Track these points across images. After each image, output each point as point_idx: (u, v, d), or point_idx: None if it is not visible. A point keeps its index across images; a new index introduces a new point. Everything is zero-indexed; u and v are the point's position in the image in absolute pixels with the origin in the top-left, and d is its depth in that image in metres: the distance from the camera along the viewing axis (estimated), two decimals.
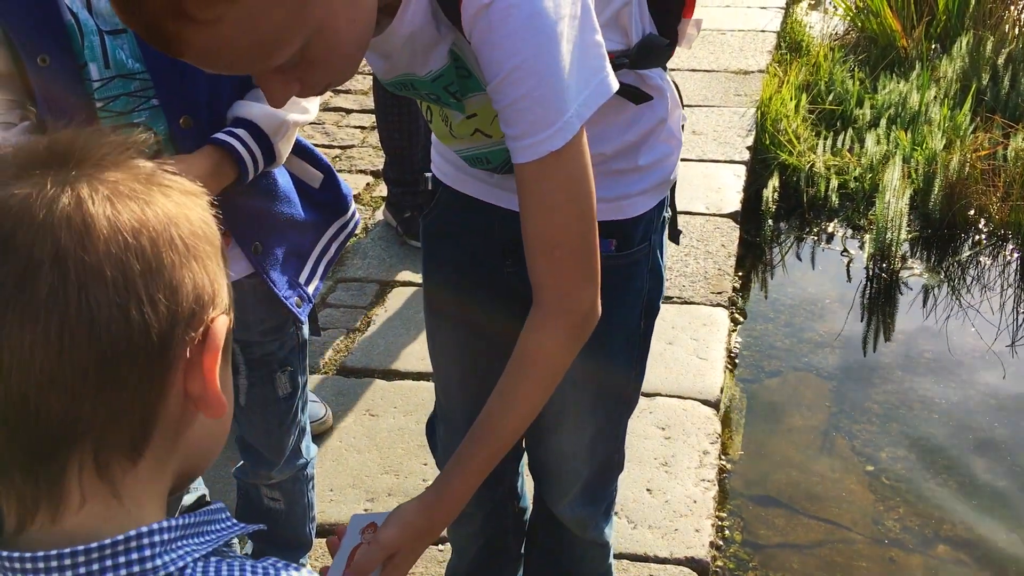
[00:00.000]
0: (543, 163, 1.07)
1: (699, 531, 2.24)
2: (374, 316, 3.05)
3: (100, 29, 1.41)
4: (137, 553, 0.64)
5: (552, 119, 1.05)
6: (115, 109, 1.45)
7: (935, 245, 3.71)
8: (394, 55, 1.16)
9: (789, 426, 2.85)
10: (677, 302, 3.08)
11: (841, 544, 2.45)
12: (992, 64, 4.49)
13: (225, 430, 0.76)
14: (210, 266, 0.69)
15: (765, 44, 5.04)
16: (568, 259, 1.11)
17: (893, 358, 3.15)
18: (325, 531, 2.24)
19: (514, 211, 1.36)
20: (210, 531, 0.70)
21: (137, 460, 0.67)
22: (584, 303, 1.13)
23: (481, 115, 1.25)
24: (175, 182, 0.70)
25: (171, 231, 0.66)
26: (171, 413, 0.68)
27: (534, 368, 1.15)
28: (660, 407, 2.62)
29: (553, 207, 1.10)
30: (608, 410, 1.55)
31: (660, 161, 1.40)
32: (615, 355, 1.48)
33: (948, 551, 2.42)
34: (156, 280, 0.65)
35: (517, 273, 1.44)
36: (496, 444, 1.17)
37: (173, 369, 0.66)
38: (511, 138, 1.08)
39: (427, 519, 1.17)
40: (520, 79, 1.03)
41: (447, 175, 1.49)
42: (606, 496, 1.69)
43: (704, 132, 4.12)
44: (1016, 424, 2.83)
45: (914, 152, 3.95)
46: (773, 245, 3.78)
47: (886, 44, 4.82)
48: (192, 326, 0.67)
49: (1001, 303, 3.39)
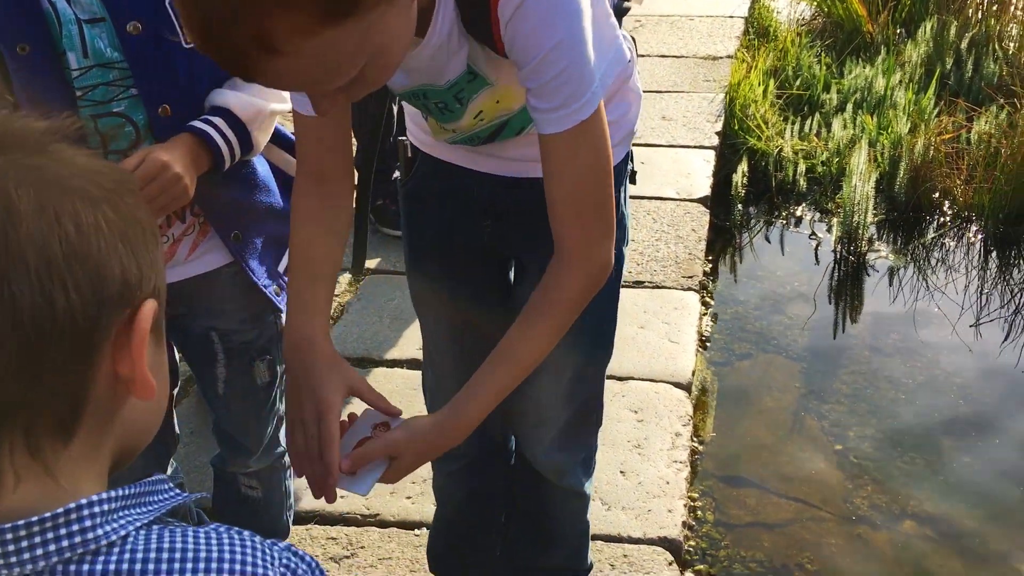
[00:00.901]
0: (573, 131, 1.16)
1: (672, 511, 2.28)
2: (348, 305, 3.06)
3: (78, 18, 1.41)
4: (78, 524, 0.65)
5: (584, 90, 1.15)
6: (94, 98, 1.46)
7: (901, 228, 3.77)
8: (420, 68, 1.24)
9: (760, 407, 2.89)
10: (648, 286, 3.11)
11: (811, 522, 2.49)
12: (956, 48, 4.56)
13: (161, 409, 0.76)
14: (139, 249, 0.69)
15: (733, 30, 5.08)
16: (593, 217, 1.23)
17: (861, 339, 3.20)
18: (302, 519, 2.26)
19: (491, 174, 1.45)
20: (152, 501, 0.71)
21: (69, 440, 0.67)
22: (605, 254, 1.25)
23: (486, 110, 1.34)
24: (103, 167, 0.70)
25: (97, 215, 0.66)
26: (102, 394, 0.68)
27: (556, 310, 1.25)
28: (632, 390, 2.66)
29: (581, 171, 1.20)
30: (585, 353, 1.61)
31: (624, 115, 1.50)
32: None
33: (914, 527, 2.48)
34: (81, 264, 0.65)
35: (495, 233, 1.51)
36: (512, 375, 1.26)
37: (100, 352, 0.67)
38: (544, 111, 1.16)
39: (438, 433, 1.25)
40: (558, 57, 1.12)
41: (424, 143, 1.54)
42: (584, 446, 1.74)
43: (674, 118, 4.15)
44: (980, 402, 2.90)
45: (880, 136, 4.01)
46: (743, 229, 3.83)
47: (852, 29, 4.87)
48: (119, 309, 0.67)
49: (966, 284, 3.46)
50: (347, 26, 0.93)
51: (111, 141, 1.49)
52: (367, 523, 2.27)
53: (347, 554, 2.20)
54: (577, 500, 1.80)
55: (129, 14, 1.42)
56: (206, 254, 1.64)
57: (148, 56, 1.45)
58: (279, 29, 0.89)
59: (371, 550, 2.21)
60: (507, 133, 1.41)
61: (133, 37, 1.43)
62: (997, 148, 3.71)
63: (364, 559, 2.19)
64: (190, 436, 2.52)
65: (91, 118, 1.47)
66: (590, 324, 1.58)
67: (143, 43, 1.44)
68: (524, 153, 1.44)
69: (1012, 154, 3.61)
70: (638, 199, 3.59)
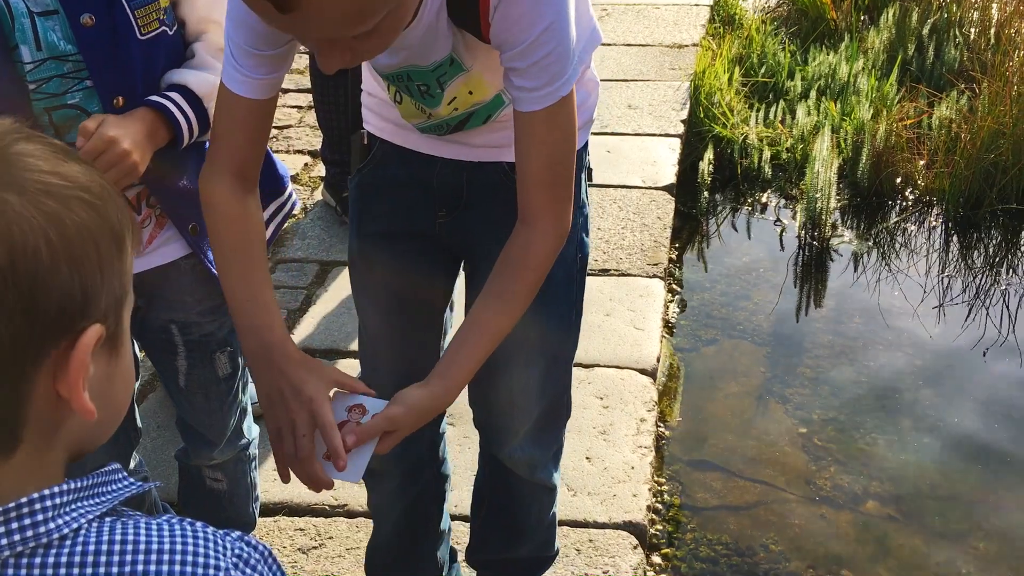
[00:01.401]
0: (551, 109, 1.22)
1: (636, 496, 2.30)
2: (315, 296, 3.06)
3: (30, 11, 1.40)
4: (30, 519, 0.65)
5: (565, 69, 1.20)
6: (48, 91, 1.45)
7: (864, 212, 3.82)
8: (407, 50, 1.27)
9: (725, 392, 2.93)
10: (614, 274, 3.14)
11: (775, 504, 2.53)
12: (918, 35, 4.61)
13: (119, 414, 0.75)
14: (86, 271, 0.66)
15: (699, 18, 5.10)
16: (563, 188, 1.29)
17: (824, 323, 3.24)
18: (269, 511, 2.27)
19: (448, 158, 1.47)
20: (105, 492, 0.71)
21: (11, 453, 0.67)
22: (568, 219, 1.32)
23: (459, 97, 1.36)
24: (69, 171, 0.67)
25: (36, 239, 0.63)
26: (41, 412, 0.67)
27: (529, 274, 1.30)
28: (598, 377, 2.68)
29: (554, 145, 1.26)
30: (554, 346, 1.63)
31: (584, 102, 1.50)
32: (558, 289, 1.56)
33: (876, 506, 2.52)
34: (11, 295, 0.62)
35: (448, 226, 1.52)
36: (491, 341, 1.30)
37: (31, 377, 0.65)
38: (527, 90, 1.21)
39: (431, 401, 1.28)
40: (547, 39, 1.17)
41: (384, 130, 1.54)
42: (554, 440, 1.75)
43: (639, 106, 4.17)
44: (940, 383, 2.94)
45: (843, 122, 4.05)
46: (709, 216, 3.86)
47: (816, 16, 4.91)
48: (55, 338, 0.65)
49: (927, 267, 3.51)
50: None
51: (65, 133, 1.49)
52: (335, 514, 2.28)
53: (315, 545, 2.21)
54: (547, 494, 1.80)
55: (82, 6, 1.42)
56: (163, 246, 1.64)
57: (103, 48, 1.45)
58: None
59: (339, 540, 2.22)
60: (474, 122, 1.43)
61: (87, 29, 1.43)
62: (957, 133, 3.76)
63: (332, 549, 2.20)
64: (157, 430, 2.52)
65: (45, 111, 1.47)
66: (558, 315, 1.59)
67: (97, 35, 1.44)
68: (488, 139, 1.45)
69: (972, 139, 3.67)
70: (604, 187, 3.61)
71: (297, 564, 2.16)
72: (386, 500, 1.82)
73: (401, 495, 1.79)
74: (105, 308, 0.69)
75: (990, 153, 3.65)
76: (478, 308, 1.31)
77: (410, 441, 1.67)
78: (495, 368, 1.59)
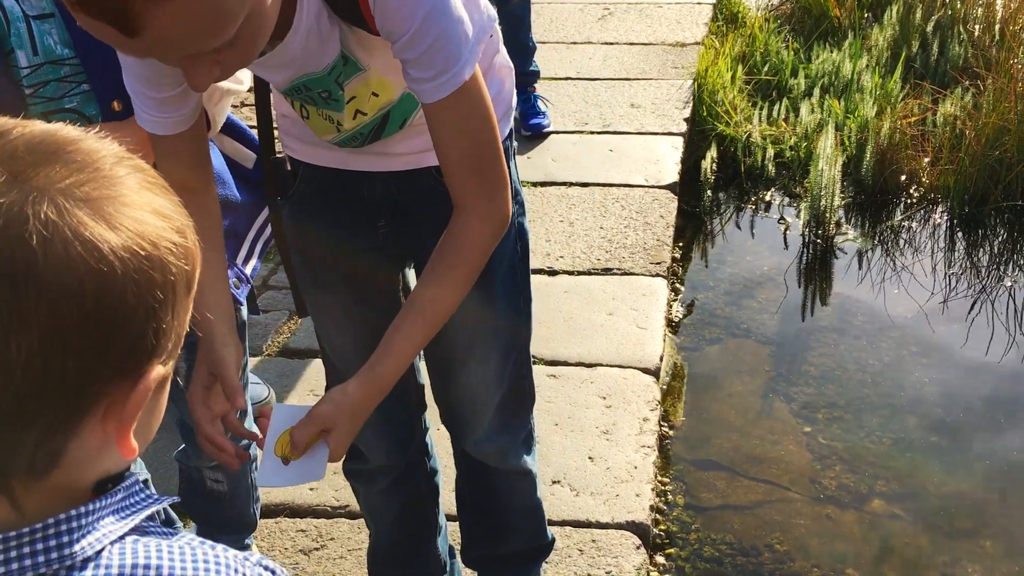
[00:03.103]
0: (457, 95, 1.19)
1: (640, 496, 2.29)
2: None
3: (26, 15, 1.40)
4: (55, 540, 0.64)
5: (460, 52, 1.17)
6: (45, 95, 1.44)
7: (868, 210, 3.80)
8: (295, 60, 1.25)
9: (729, 391, 2.91)
10: (617, 273, 3.12)
11: (780, 503, 2.51)
12: (921, 31, 4.59)
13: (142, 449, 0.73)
14: (162, 315, 0.65)
15: (701, 16, 5.09)
16: (490, 170, 1.27)
17: (829, 322, 3.23)
18: (271, 512, 2.26)
19: (376, 171, 1.46)
20: (126, 507, 0.70)
21: (44, 477, 0.66)
22: (504, 206, 1.30)
23: (359, 95, 1.34)
24: (153, 213, 0.65)
25: (125, 282, 0.62)
26: (84, 446, 0.66)
27: (467, 258, 1.28)
28: (601, 377, 2.66)
29: (471, 130, 1.23)
30: (508, 334, 1.63)
31: (500, 92, 1.49)
32: (503, 281, 1.56)
33: (882, 506, 2.50)
34: (89, 333, 0.61)
35: (390, 231, 1.52)
36: (430, 323, 1.29)
37: (88, 414, 0.64)
38: (425, 80, 1.18)
39: (362, 393, 1.26)
40: (432, 23, 1.14)
41: (301, 152, 1.51)
42: (523, 425, 1.74)
43: (642, 105, 4.16)
44: (945, 382, 2.93)
45: (847, 120, 4.03)
46: (712, 215, 3.84)
47: (819, 14, 4.89)
48: (119, 378, 0.64)
49: (932, 265, 3.49)
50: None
51: None
52: (337, 515, 2.27)
53: (317, 546, 2.20)
54: (524, 479, 1.80)
55: None
56: None
57: (100, 52, 1.44)
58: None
59: (341, 541, 2.21)
60: (390, 128, 1.41)
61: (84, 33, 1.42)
62: (962, 130, 3.74)
63: (334, 551, 2.19)
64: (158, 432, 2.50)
65: (43, 115, 1.46)
66: (507, 306, 1.59)
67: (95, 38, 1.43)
68: (410, 146, 1.43)
69: (976, 136, 3.65)
70: (607, 186, 3.60)
71: (299, 565, 2.15)
72: (379, 501, 1.81)
73: (395, 494, 1.79)
74: (170, 349, 0.68)
75: (995, 150, 3.63)
76: (416, 292, 1.30)
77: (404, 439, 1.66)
78: (452, 366, 1.61)
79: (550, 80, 4.29)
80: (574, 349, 2.77)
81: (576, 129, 4.00)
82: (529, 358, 1.71)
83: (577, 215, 3.43)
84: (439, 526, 1.89)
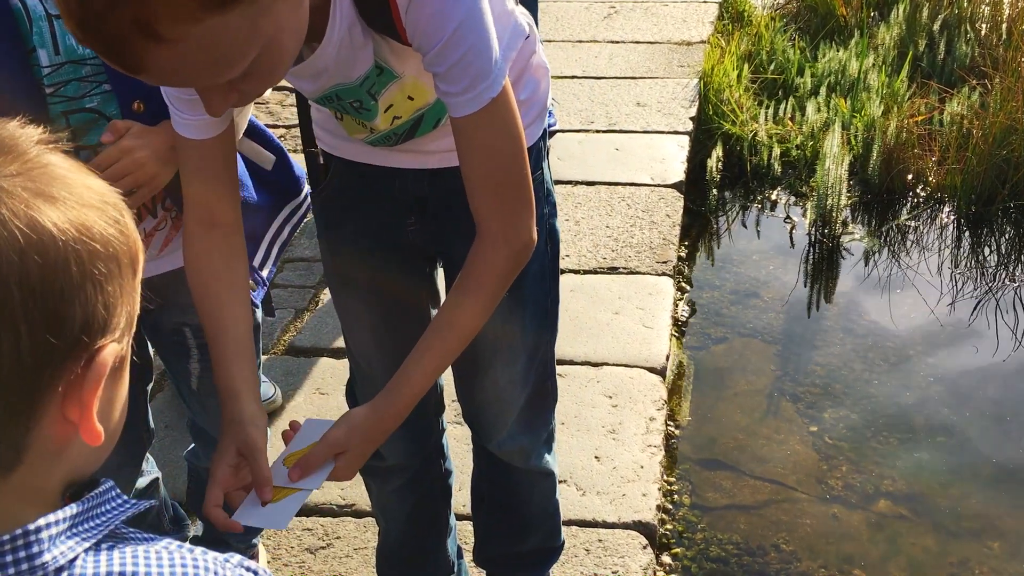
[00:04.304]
0: (486, 111, 1.17)
1: (646, 495, 2.29)
2: (322, 296, 3.06)
3: (49, 14, 1.39)
4: (25, 551, 0.63)
5: (489, 68, 1.16)
6: (66, 95, 1.44)
7: (874, 210, 3.79)
8: (327, 71, 1.24)
9: (736, 391, 2.91)
10: (623, 272, 3.12)
11: (786, 503, 2.51)
12: (928, 30, 4.58)
13: (113, 442, 0.73)
14: (109, 289, 0.65)
15: (707, 15, 5.08)
16: (512, 193, 1.24)
17: (835, 321, 3.22)
18: None
19: (410, 169, 1.45)
20: (100, 514, 0.69)
21: (8, 473, 0.65)
22: (526, 232, 1.27)
23: (396, 102, 1.33)
24: (85, 188, 0.65)
25: (67, 253, 0.62)
26: (46, 435, 0.65)
27: (483, 288, 1.26)
28: (607, 376, 2.66)
29: (497, 149, 1.21)
30: (534, 337, 1.62)
31: (535, 92, 1.49)
32: (532, 282, 1.56)
33: (888, 506, 2.50)
34: (38, 309, 0.60)
35: (420, 230, 1.51)
36: (444, 353, 1.27)
37: (45, 400, 0.63)
38: (454, 95, 1.17)
39: (377, 419, 1.25)
40: (462, 37, 1.13)
41: (336, 148, 1.51)
42: (544, 425, 1.75)
43: (648, 103, 4.16)
44: (953, 381, 2.92)
45: (853, 119, 4.02)
46: (718, 214, 3.84)
47: (826, 12, 4.88)
48: (74, 356, 0.64)
49: (939, 265, 3.48)
50: (234, 13, 0.91)
51: (82, 136, 1.48)
52: (343, 513, 2.27)
53: (323, 545, 2.20)
54: (546, 480, 1.81)
55: None
56: (179, 249, 1.62)
57: None
58: (161, 14, 0.86)
59: (347, 540, 2.21)
60: (424, 128, 1.41)
61: None
62: (969, 129, 3.73)
63: (340, 549, 2.19)
64: (165, 430, 2.51)
65: (62, 114, 1.46)
66: (535, 308, 1.59)
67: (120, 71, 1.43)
68: (442, 144, 1.43)
69: (984, 135, 3.64)
70: (613, 185, 3.59)
71: (305, 564, 2.15)
72: (392, 500, 1.81)
73: (408, 493, 1.79)
74: (122, 327, 0.68)
75: (1002, 149, 3.62)
76: (437, 317, 1.29)
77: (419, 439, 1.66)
78: (478, 367, 1.60)
79: (556, 79, 4.29)
80: (580, 348, 2.77)
81: (582, 128, 3.99)
82: (554, 360, 1.71)
83: (583, 214, 3.43)
84: (449, 527, 1.89)
